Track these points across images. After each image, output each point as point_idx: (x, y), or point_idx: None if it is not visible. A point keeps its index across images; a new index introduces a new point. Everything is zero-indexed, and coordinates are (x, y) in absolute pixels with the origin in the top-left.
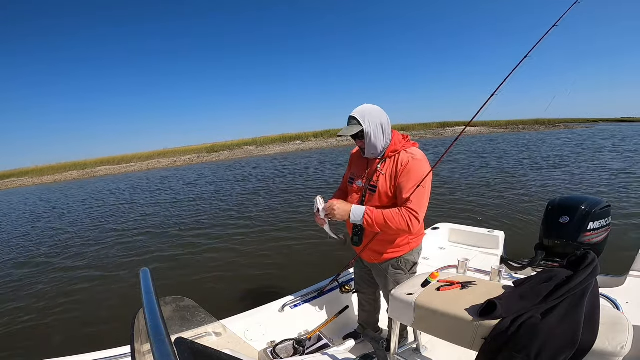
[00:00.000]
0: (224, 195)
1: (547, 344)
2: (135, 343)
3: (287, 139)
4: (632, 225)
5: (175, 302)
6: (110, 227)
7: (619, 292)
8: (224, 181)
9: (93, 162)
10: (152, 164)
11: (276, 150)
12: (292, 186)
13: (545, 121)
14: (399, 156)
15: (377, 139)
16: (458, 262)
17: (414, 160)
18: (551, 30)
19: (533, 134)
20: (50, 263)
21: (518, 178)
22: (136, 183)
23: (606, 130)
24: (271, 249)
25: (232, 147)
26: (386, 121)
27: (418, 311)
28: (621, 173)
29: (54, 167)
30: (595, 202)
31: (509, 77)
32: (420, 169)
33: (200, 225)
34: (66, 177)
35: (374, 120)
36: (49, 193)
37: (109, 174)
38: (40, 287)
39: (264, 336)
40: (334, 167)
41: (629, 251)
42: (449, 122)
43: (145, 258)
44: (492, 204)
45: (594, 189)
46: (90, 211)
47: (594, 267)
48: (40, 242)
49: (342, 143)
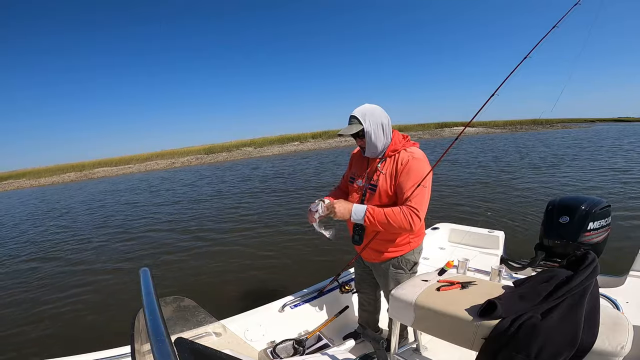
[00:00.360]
0: (224, 196)
1: (547, 344)
2: (135, 343)
3: (286, 140)
4: (633, 225)
5: (175, 302)
6: (109, 228)
7: (619, 292)
8: (224, 182)
9: (91, 163)
10: (151, 166)
11: (274, 152)
12: (292, 187)
13: (542, 121)
14: (399, 155)
15: (378, 138)
16: (458, 262)
17: (414, 159)
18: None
19: (531, 134)
20: (48, 264)
21: (518, 178)
22: (135, 184)
23: (602, 129)
24: (271, 249)
25: (230, 149)
26: (387, 121)
27: (418, 311)
28: (620, 172)
29: (51, 168)
30: (595, 202)
31: (509, 77)
32: (420, 168)
33: (200, 225)
34: (64, 179)
35: (374, 120)
36: (48, 194)
37: (106, 175)
38: (39, 287)
39: (264, 336)
40: (334, 167)
41: (629, 251)
42: (447, 123)
43: (145, 258)
44: (492, 203)
45: (594, 189)
46: (90, 212)
47: (594, 267)
48: (36, 242)
49: (340, 144)
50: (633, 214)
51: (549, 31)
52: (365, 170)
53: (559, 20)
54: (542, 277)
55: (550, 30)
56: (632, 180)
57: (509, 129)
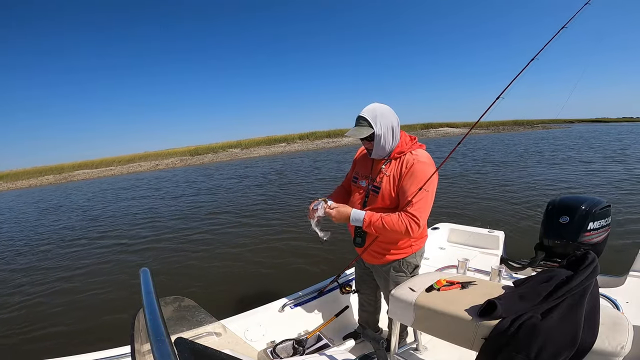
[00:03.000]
0: (221, 197)
1: (547, 344)
2: (135, 343)
3: (273, 141)
4: (633, 225)
5: (175, 302)
6: (107, 228)
7: (619, 292)
8: (219, 182)
9: (70, 165)
10: (133, 168)
11: (261, 153)
12: (290, 187)
13: (524, 122)
14: (404, 157)
15: (387, 141)
16: (458, 262)
17: (419, 163)
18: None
19: (519, 135)
20: (48, 263)
21: (517, 178)
22: (121, 186)
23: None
24: (271, 249)
25: (216, 150)
26: (397, 122)
27: (418, 311)
28: (619, 172)
29: (28, 171)
30: (595, 202)
31: (516, 79)
32: (424, 172)
33: (200, 225)
34: (42, 182)
35: (385, 123)
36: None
37: (87, 178)
38: (37, 287)
39: (264, 336)
40: (332, 165)
41: (629, 251)
42: (432, 124)
43: (145, 258)
44: (492, 203)
45: (594, 189)
46: (80, 213)
47: (594, 267)
48: (30, 243)
49: (327, 145)
50: (633, 214)
51: (557, 32)
52: (369, 171)
53: (568, 20)
54: (542, 277)
55: (559, 31)
56: (632, 180)
57: (492, 129)
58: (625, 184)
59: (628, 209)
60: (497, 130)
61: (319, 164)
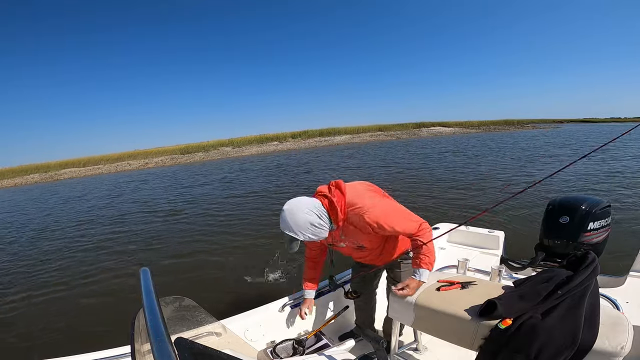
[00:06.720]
0: (219, 196)
1: (547, 344)
2: (135, 343)
3: (265, 140)
4: (633, 225)
5: (175, 302)
6: (106, 228)
7: (619, 292)
8: (216, 182)
9: (57, 164)
10: (122, 167)
11: (253, 152)
12: (289, 187)
13: (514, 122)
14: (352, 220)
15: (318, 234)
16: (458, 262)
17: (366, 212)
18: None
19: (509, 134)
20: (47, 263)
21: (517, 178)
22: (113, 185)
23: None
24: (271, 249)
25: (207, 148)
26: (315, 217)
27: (418, 311)
28: (619, 173)
29: (13, 170)
30: (596, 202)
31: None
32: (375, 212)
33: (200, 226)
34: (27, 181)
35: (304, 228)
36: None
37: (74, 177)
38: (35, 287)
39: (264, 336)
40: (324, 165)
41: (629, 251)
42: (424, 123)
43: (145, 258)
44: (491, 203)
45: (594, 189)
46: (73, 213)
47: (594, 267)
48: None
49: (320, 144)
50: (633, 213)
51: None
52: (339, 237)
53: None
54: (542, 277)
55: None
56: (632, 180)
57: (484, 129)
58: (625, 184)
59: (628, 209)
60: (489, 129)
61: (319, 164)
